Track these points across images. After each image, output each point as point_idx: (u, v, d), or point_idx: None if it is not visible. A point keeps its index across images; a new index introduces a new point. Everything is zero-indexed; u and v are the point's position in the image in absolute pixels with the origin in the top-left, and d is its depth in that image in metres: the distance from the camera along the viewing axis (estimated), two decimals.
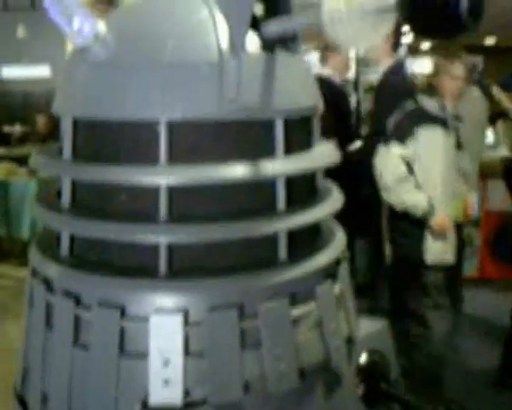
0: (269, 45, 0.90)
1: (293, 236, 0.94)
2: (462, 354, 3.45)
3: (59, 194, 1.00)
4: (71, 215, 0.93)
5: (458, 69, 2.77)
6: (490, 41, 10.78)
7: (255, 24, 0.89)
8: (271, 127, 0.91)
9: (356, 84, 4.76)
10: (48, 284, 0.94)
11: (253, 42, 0.90)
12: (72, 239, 0.95)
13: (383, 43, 3.29)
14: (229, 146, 0.89)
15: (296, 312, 0.90)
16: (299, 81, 0.96)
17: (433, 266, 2.83)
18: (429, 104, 2.81)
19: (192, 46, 0.88)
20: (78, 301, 0.90)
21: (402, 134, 2.79)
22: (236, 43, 0.86)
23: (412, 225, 2.82)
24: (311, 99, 0.99)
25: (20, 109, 7.09)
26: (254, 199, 0.91)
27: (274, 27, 0.89)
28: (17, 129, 6.94)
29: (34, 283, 0.98)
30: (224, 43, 0.87)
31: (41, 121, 6.51)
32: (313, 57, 4.33)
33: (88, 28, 0.87)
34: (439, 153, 2.78)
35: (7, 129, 7.01)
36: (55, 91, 1.02)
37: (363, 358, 1.04)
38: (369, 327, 1.09)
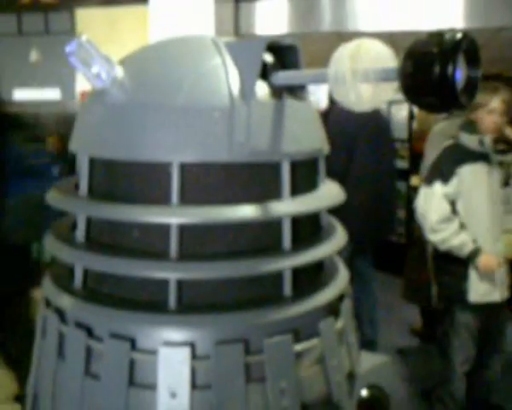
0: (277, 93, 0.95)
1: (298, 273, 0.98)
2: None
3: (73, 227, 1.04)
4: (85, 250, 0.97)
5: (495, 103, 2.75)
6: (493, 70, 10.86)
7: (265, 72, 0.94)
8: (278, 170, 0.95)
9: None
10: (61, 315, 0.98)
11: (262, 89, 0.94)
12: (86, 272, 0.99)
13: None
14: (237, 187, 0.93)
15: (300, 347, 0.93)
16: (305, 126, 1.00)
17: (472, 305, 2.76)
18: (468, 140, 2.76)
19: (204, 91, 0.92)
20: (89, 332, 0.93)
21: (444, 172, 2.76)
22: (247, 90, 0.91)
23: (456, 264, 2.77)
24: (316, 142, 1.03)
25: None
26: (261, 238, 0.95)
27: (282, 79, 0.94)
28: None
29: (47, 313, 1.01)
30: (235, 90, 0.91)
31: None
32: None
33: (106, 72, 0.92)
34: (481, 189, 2.74)
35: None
36: (66, 115, 1.06)
37: (365, 392, 1.07)
38: (371, 362, 1.12)
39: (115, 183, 0.97)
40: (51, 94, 7.38)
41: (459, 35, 0.74)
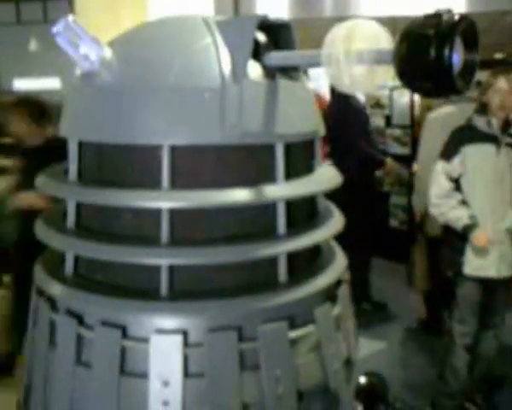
0: (270, 73, 0.92)
1: (294, 258, 0.96)
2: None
3: (64, 214, 1.02)
4: (75, 236, 0.95)
5: (500, 83, 2.82)
6: (499, 55, 10.77)
7: (257, 51, 0.91)
8: (272, 152, 0.92)
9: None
10: (52, 303, 0.96)
11: (254, 69, 0.91)
12: (77, 259, 0.97)
13: None
14: (230, 170, 0.91)
15: (295, 334, 0.91)
16: (299, 107, 0.97)
17: (469, 278, 2.86)
18: (478, 121, 2.86)
19: (195, 72, 0.90)
20: (80, 320, 0.91)
21: (448, 151, 2.88)
22: (238, 70, 0.88)
23: (455, 237, 2.88)
24: (311, 124, 1.00)
25: None
26: (255, 222, 0.93)
27: (275, 59, 0.91)
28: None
29: (39, 301, 0.99)
30: (227, 70, 0.88)
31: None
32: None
33: (94, 54, 0.90)
34: (486, 169, 2.83)
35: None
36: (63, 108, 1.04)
37: (362, 379, 1.05)
38: (369, 348, 1.10)
39: (105, 167, 0.94)
40: (51, 83, 7.34)
41: (456, 17, 0.70)
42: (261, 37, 0.94)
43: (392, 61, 0.73)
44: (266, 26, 0.94)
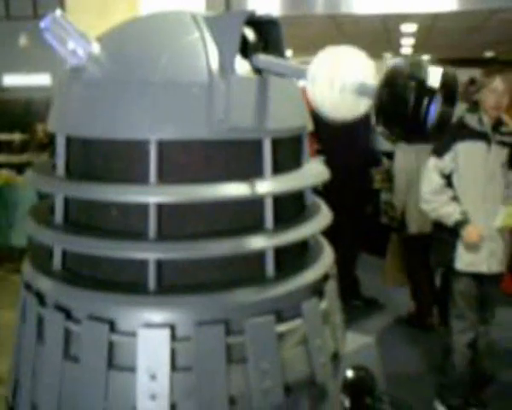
0: (258, 68, 0.92)
1: (281, 252, 0.96)
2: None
3: (52, 209, 1.02)
4: (63, 231, 0.95)
5: (496, 82, 2.84)
6: (489, 54, 10.85)
7: (246, 48, 0.92)
8: (260, 147, 0.93)
9: None
10: (40, 298, 0.96)
11: (242, 65, 0.92)
12: (65, 254, 0.97)
13: None
14: (218, 165, 0.91)
15: (282, 328, 0.92)
16: (287, 102, 0.98)
17: (462, 274, 2.89)
18: (469, 119, 2.89)
19: (183, 67, 0.90)
20: (68, 314, 0.91)
21: (440, 148, 2.90)
22: (226, 65, 0.89)
23: (447, 233, 2.91)
24: (299, 120, 1.01)
25: (20, 117, 7.11)
26: (242, 217, 0.93)
27: (263, 63, 0.91)
28: (17, 137, 6.97)
29: (27, 296, 0.99)
30: (214, 65, 0.89)
31: (41, 129, 6.54)
32: None
33: (82, 49, 0.90)
34: (477, 166, 2.86)
35: (7, 137, 7.04)
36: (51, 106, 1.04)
37: (349, 373, 1.06)
38: (356, 342, 1.11)
39: (92, 162, 0.94)
40: (41, 79, 7.30)
41: (439, 75, 0.72)
42: (250, 34, 0.95)
43: (372, 98, 0.75)
44: (255, 22, 0.94)
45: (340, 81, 0.77)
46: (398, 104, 0.72)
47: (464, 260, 2.87)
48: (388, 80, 0.74)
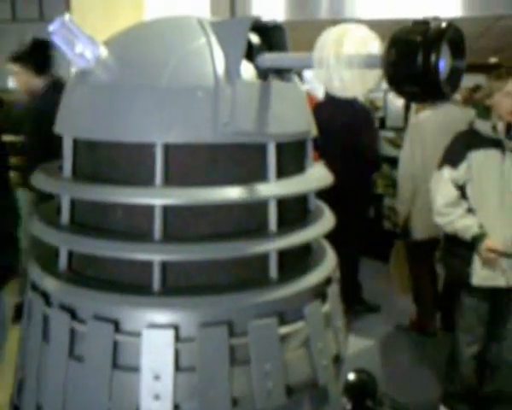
0: (263, 74, 0.93)
1: (285, 255, 0.97)
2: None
3: (58, 210, 1.03)
4: (69, 232, 0.96)
5: (510, 85, 2.74)
6: (493, 59, 10.85)
7: (251, 52, 0.93)
8: (264, 151, 0.94)
9: None
10: (46, 298, 0.97)
11: (248, 69, 0.93)
12: (70, 255, 0.99)
13: None
14: (223, 169, 0.92)
15: (285, 330, 0.93)
16: (292, 107, 0.99)
17: (477, 289, 2.78)
18: (482, 126, 2.76)
19: (189, 71, 0.91)
20: (73, 314, 0.93)
21: (453, 157, 2.77)
22: (232, 70, 0.90)
23: (462, 247, 2.79)
24: (303, 124, 1.02)
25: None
26: (246, 220, 0.94)
27: (268, 61, 0.92)
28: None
29: (33, 296, 1.01)
30: (220, 70, 0.90)
31: None
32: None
33: (90, 53, 0.91)
34: (492, 175, 2.74)
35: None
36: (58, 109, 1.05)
37: (351, 376, 1.07)
38: (358, 346, 1.11)
39: (99, 164, 0.96)
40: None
41: (444, 24, 0.73)
42: (255, 38, 0.96)
43: (380, 66, 0.75)
44: (260, 27, 0.96)
45: (346, 57, 0.78)
46: (407, 63, 0.72)
47: (480, 275, 2.76)
48: (393, 40, 0.73)
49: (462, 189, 2.80)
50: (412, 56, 0.71)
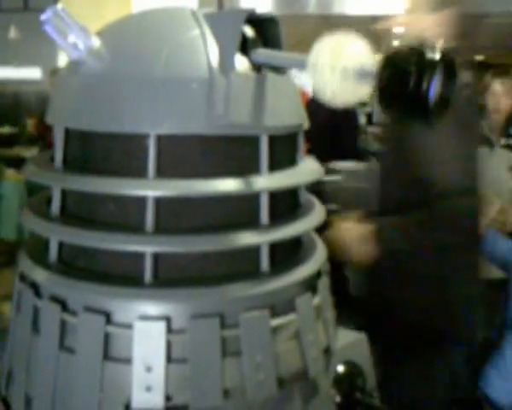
0: (257, 66, 0.93)
1: (276, 248, 0.98)
2: None
3: (48, 201, 1.02)
4: (60, 223, 0.95)
5: (496, 85, 2.79)
6: (479, 57, 10.96)
7: (245, 46, 0.93)
8: (257, 144, 0.94)
9: None
10: (35, 289, 0.97)
11: (242, 62, 0.93)
12: (61, 246, 0.98)
13: None
14: (215, 161, 0.92)
15: (276, 322, 0.93)
16: (285, 100, 0.99)
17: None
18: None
19: (182, 63, 0.91)
20: (64, 306, 0.92)
21: None
22: (226, 62, 0.90)
23: None
24: (296, 117, 1.03)
25: (10, 111, 7.07)
26: (239, 212, 0.95)
27: (262, 57, 0.92)
28: (6, 130, 6.92)
29: (22, 287, 1.00)
30: (214, 61, 0.90)
31: (31, 123, 6.50)
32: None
33: (82, 43, 0.90)
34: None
35: None
36: (46, 95, 1.04)
37: (340, 368, 1.08)
38: (347, 338, 1.12)
39: (91, 155, 0.95)
40: (31, 73, 7.27)
41: (437, 56, 0.74)
42: (249, 31, 0.96)
43: (373, 81, 0.77)
44: (253, 20, 0.95)
45: (341, 67, 0.78)
46: (400, 79, 0.74)
47: None
48: (388, 63, 0.76)
49: None
50: (404, 85, 0.74)
